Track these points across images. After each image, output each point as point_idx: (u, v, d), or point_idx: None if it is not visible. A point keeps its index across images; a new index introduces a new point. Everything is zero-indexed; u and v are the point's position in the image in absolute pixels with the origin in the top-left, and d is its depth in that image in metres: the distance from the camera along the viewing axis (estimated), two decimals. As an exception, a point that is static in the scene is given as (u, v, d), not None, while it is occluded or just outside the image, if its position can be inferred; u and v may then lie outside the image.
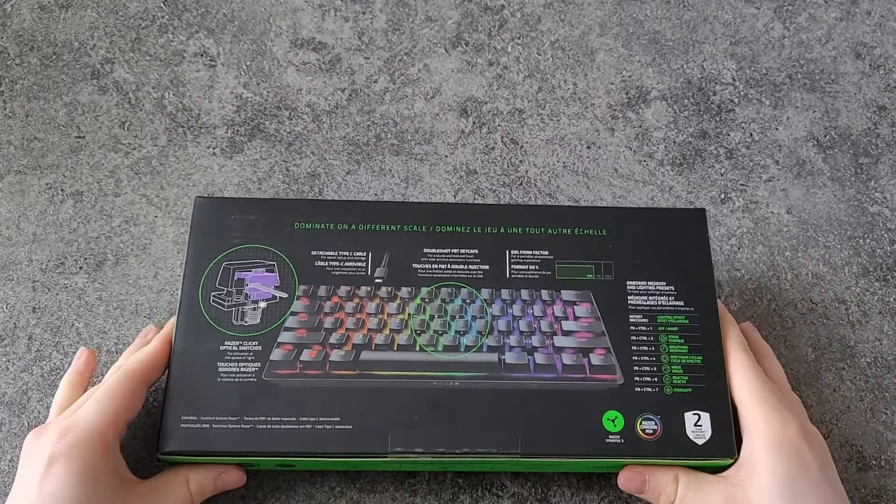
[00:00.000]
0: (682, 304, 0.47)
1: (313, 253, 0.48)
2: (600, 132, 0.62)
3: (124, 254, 0.55)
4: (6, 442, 0.49)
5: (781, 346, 0.54)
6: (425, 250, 0.48)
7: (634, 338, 0.46)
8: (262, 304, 0.46)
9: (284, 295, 0.47)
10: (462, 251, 0.48)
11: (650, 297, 0.47)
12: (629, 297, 0.47)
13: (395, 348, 0.46)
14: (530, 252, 0.49)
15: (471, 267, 0.48)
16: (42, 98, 0.61)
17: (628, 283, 0.48)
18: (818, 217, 0.59)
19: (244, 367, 0.45)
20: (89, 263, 0.54)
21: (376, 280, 0.47)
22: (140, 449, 0.48)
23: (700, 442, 0.44)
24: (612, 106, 0.63)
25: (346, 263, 0.48)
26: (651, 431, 0.44)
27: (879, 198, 0.60)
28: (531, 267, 0.48)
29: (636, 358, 0.46)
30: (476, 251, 0.48)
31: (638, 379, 0.45)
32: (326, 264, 0.48)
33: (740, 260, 0.57)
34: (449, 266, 0.48)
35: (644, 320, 0.47)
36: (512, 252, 0.49)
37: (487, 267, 0.48)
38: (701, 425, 0.44)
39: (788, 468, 0.41)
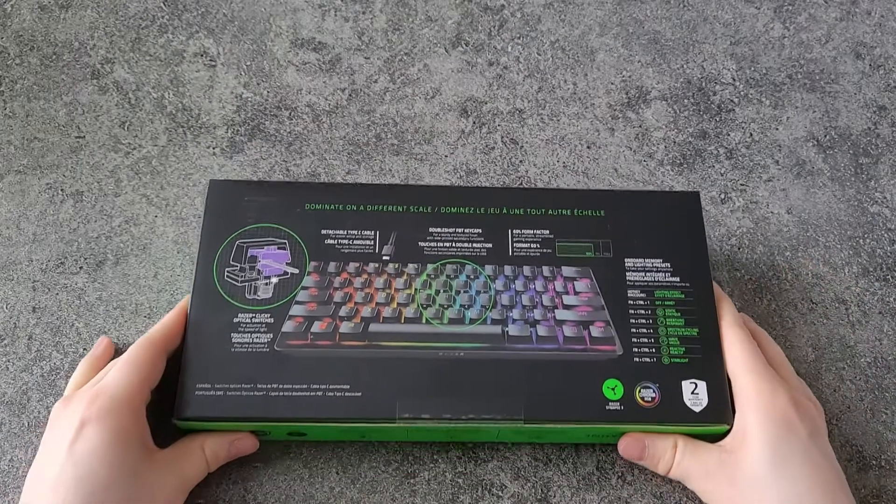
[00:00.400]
0: (678, 280, 0.49)
1: (323, 232, 0.50)
2: (600, 132, 0.62)
3: (124, 254, 0.55)
4: (6, 442, 0.49)
5: (782, 346, 0.54)
6: (431, 230, 0.50)
7: (633, 311, 0.48)
8: (274, 280, 0.48)
9: (296, 271, 0.49)
10: (466, 230, 0.50)
11: (647, 274, 0.49)
12: (627, 274, 0.49)
13: (403, 321, 0.47)
14: (532, 231, 0.50)
15: (475, 245, 0.50)
16: (42, 98, 0.61)
17: (626, 260, 0.50)
18: (818, 217, 0.59)
19: (257, 338, 0.46)
20: (89, 263, 0.54)
21: (384, 257, 0.49)
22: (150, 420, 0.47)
23: (697, 409, 0.45)
24: (612, 106, 0.63)
25: (354, 242, 0.50)
26: (650, 399, 0.46)
27: (879, 198, 0.60)
28: (532, 245, 0.50)
29: (634, 330, 0.47)
30: (479, 230, 0.50)
31: (636, 350, 0.47)
32: (336, 242, 0.49)
33: (740, 260, 0.57)
34: (454, 244, 0.50)
35: (642, 295, 0.49)
36: (514, 231, 0.50)
37: (490, 245, 0.50)
38: (697, 393, 0.46)
39: (777, 437, 0.43)
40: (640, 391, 0.46)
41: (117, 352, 0.51)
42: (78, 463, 0.40)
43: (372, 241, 0.50)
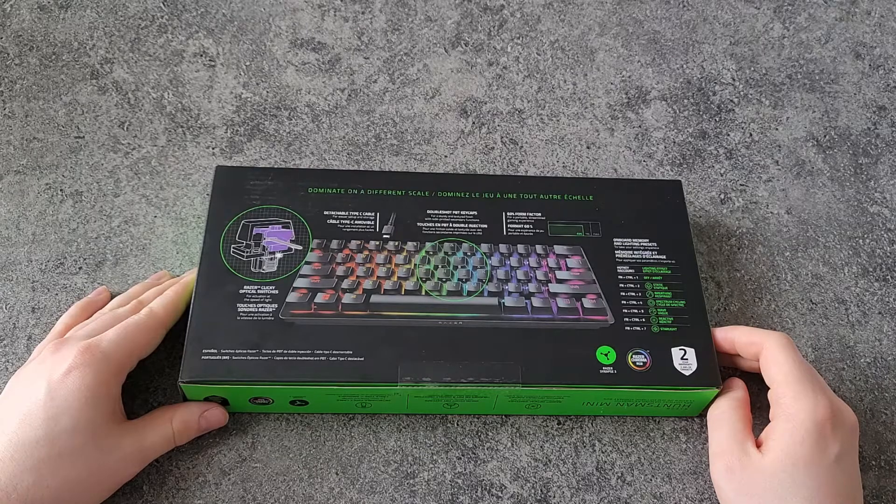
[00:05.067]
0: (664, 257, 0.52)
1: (325, 213, 0.52)
2: (600, 132, 0.62)
3: (124, 254, 0.55)
4: (5, 442, 0.49)
5: (781, 346, 0.54)
6: (428, 211, 0.53)
7: (622, 285, 0.51)
8: (279, 255, 0.50)
9: (299, 247, 0.51)
10: (462, 213, 0.53)
11: (635, 252, 0.52)
12: (616, 252, 0.52)
13: (403, 293, 0.49)
14: (525, 214, 0.53)
15: (471, 225, 0.52)
16: (42, 98, 0.61)
17: (615, 239, 0.52)
18: (818, 217, 0.59)
19: (262, 307, 0.48)
20: (89, 264, 0.54)
21: (384, 236, 0.52)
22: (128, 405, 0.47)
23: (687, 373, 0.48)
24: (611, 106, 0.63)
25: (356, 222, 0.52)
26: (641, 364, 0.48)
27: (879, 198, 0.60)
28: (526, 226, 0.53)
29: (625, 302, 0.50)
30: (475, 213, 0.53)
31: (627, 320, 0.49)
32: (338, 222, 0.52)
33: (740, 260, 0.57)
34: (450, 225, 0.52)
35: (630, 271, 0.51)
36: (508, 213, 0.53)
37: (486, 226, 0.53)
38: (687, 359, 0.48)
39: (801, 453, 0.42)
40: (631, 357, 0.48)
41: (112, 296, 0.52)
42: (53, 403, 0.41)
43: (372, 222, 0.52)
